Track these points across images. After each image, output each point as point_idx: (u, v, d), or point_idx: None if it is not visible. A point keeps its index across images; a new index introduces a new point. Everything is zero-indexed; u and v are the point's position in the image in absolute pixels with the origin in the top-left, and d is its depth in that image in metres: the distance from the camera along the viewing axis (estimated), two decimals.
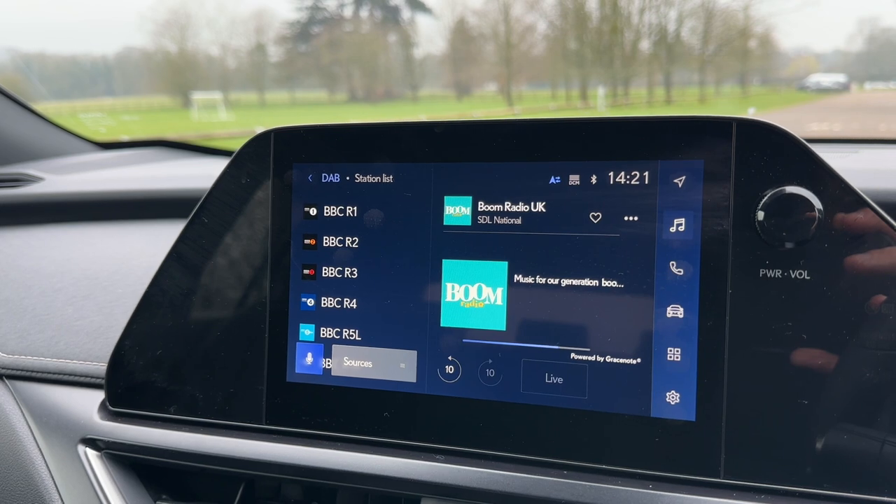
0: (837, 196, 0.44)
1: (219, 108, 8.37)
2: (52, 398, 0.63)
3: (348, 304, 0.53)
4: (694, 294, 0.45)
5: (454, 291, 0.50)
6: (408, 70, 13.28)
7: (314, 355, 0.53)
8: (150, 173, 1.10)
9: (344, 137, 0.53)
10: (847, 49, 9.28)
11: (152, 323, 0.57)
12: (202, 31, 14.02)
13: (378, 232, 0.52)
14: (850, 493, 0.43)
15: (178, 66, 12.78)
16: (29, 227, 0.97)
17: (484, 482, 0.48)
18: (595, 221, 0.48)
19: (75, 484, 0.57)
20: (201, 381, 0.56)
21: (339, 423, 0.52)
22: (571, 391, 0.48)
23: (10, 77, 2.58)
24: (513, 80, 11.14)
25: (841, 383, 0.44)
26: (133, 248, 0.85)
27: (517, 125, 0.50)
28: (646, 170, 0.47)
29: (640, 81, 9.67)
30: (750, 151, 0.45)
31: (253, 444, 0.53)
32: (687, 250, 0.46)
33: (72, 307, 0.73)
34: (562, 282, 0.48)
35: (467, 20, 12.09)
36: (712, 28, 9.38)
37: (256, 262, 0.55)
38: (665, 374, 0.46)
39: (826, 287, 0.44)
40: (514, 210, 0.49)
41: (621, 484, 0.45)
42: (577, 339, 0.48)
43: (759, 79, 9.98)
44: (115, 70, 10.48)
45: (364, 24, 14.65)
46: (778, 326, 0.44)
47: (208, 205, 0.56)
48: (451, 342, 0.50)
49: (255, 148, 0.55)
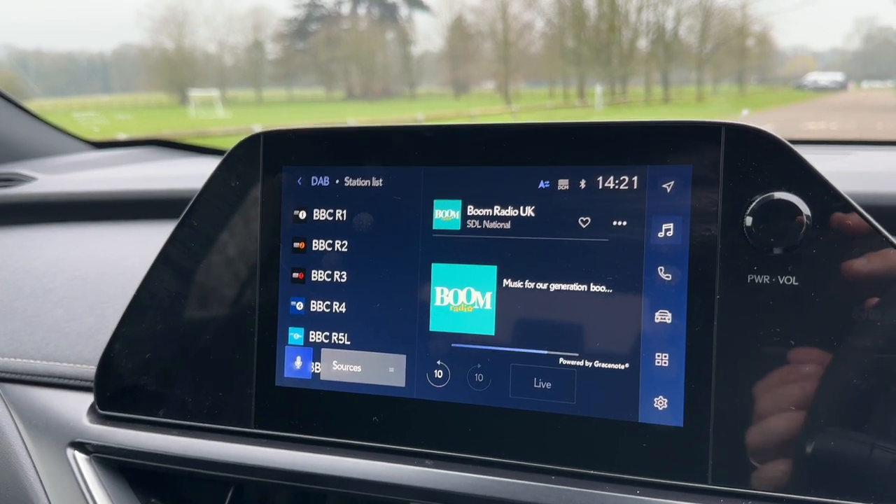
0: (826, 202, 0.44)
1: (216, 106, 8.37)
2: (42, 401, 0.62)
3: (337, 307, 0.53)
4: (682, 299, 0.45)
5: (443, 296, 0.50)
6: (405, 68, 13.27)
7: (303, 359, 0.53)
8: (143, 173, 1.10)
9: (334, 140, 0.53)
10: (844, 48, 9.29)
11: (141, 326, 0.57)
12: (199, 28, 13.99)
13: (367, 236, 0.52)
14: (839, 499, 0.43)
15: (175, 63, 12.76)
16: (20, 228, 0.96)
17: (472, 487, 0.48)
18: (584, 226, 0.48)
19: (64, 487, 0.57)
20: (190, 384, 0.55)
21: (328, 428, 0.52)
22: (560, 396, 0.48)
23: (7, 74, 2.57)
24: (510, 77, 11.14)
25: (829, 389, 0.44)
26: (125, 248, 0.84)
27: (507, 129, 0.50)
28: (635, 174, 0.47)
29: (638, 80, 9.68)
30: (738, 157, 0.45)
31: (242, 449, 0.53)
32: (675, 255, 0.46)
33: (62, 308, 0.72)
34: (550, 286, 0.48)
35: (465, 18, 12.09)
36: (710, 26, 9.39)
37: (245, 265, 0.55)
38: (653, 380, 0.46)
39: (814, 293, 0.44)
40: (503, 214, 0.49)
41: (609, 489, 0.45)
42: (565, 344, 0.48)
43: (757, 77, 10.00)
44: (111, 67, 10.46)
45: (361, 21, 14.63)
46: (766, 332, 0.44)
47: (197, 207, 0.56)
48: (440, 347, 0.50)
49: (245, 150, 0.55)
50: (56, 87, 7.86)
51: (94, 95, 8.81)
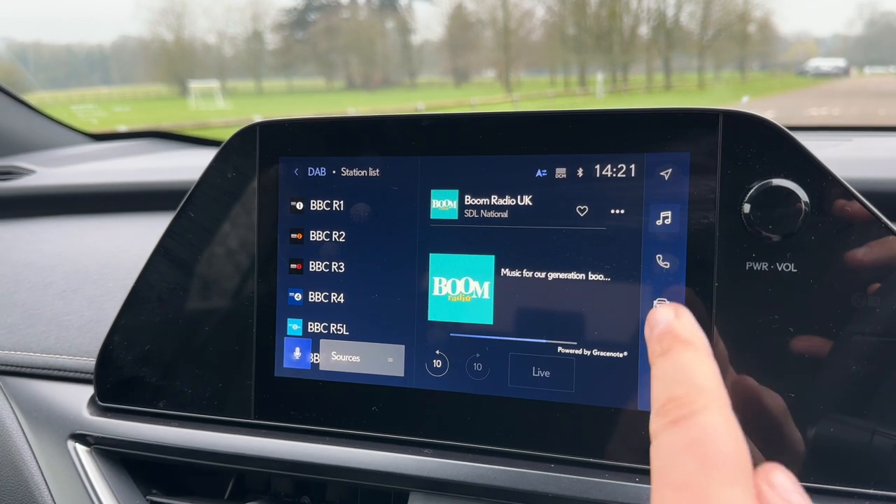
0: (824, 188, 0.43)
1: (216, 97, 8.34)
2: (42, 393, 0.63)
3: (336, 298, 0.53)
4: (680, 287, 0.45)
5: (441, 285, 0.50)
6: (405, 57, 13.22)
7: (302, 350, 0.53)
8: (142, 165, 1.10)
9: (330, 131, 0.53)
10: (847, 33, 9.24)
11: (140, 318, 0.57)
12: (198, 18, 13.93)
13: (365, 226, 0.52)
14: (840, 485, 0.43)
15: (175, 54, 12.72)
16: (20, 221, 0.96)
17: (471, 476, 0.48)
18: (581, 215, 0.47)
19: (65, 479, 0.57)
20: (190, 376, 0.56)
21: (328, 418, 0.52)
22: (558, 385, 0.48)
23: (6, 67, 2.56)
24: (511, 66, 11.09)
25: (829, 375, 0.43)
26: (124, 240, 0.85)
27: (503, 118, 0.49)
28: (632, 162, 0.46)
29: (639, 67, 9.63)
30: (736, 143, 0.45)
31: (242, 439, 0.53)
32: (673, 243, 0.45)
33: (62, 301, 0.73)
34: (548, 275, 0.48)
35: (465, 6, 12.02)
36: (711, 13, 9.33)
37: (243, 256, 0.55)
38: None
39: (813, 279, 0.44)
40: (500, 203, 0.49)
41: (608, 477, 0.45)
42: (563, 332, 0.48)
43: (759, 64, 9.94)
44: (111, 59, 10.43)
45: (361, 10, 14.56)
46: (764, 319, 0.44)
47: (194, 199, 0.56)
48: (438, 336, 0.50)
49: (241, 141, 0.55)
50: (55, 80, 7.85)
51: (94, 87, 8.79)
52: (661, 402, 0.28)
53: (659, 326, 0.32)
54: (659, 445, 0.27)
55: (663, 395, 0.29)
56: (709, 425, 0.27)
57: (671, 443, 0.27)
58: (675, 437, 0.27)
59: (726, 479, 0.25)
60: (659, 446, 0.27)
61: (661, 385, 0.29)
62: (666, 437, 0.27)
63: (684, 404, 0.28)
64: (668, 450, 0.27)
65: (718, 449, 0.26)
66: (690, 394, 0.28)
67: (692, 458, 0.26)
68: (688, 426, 0.27)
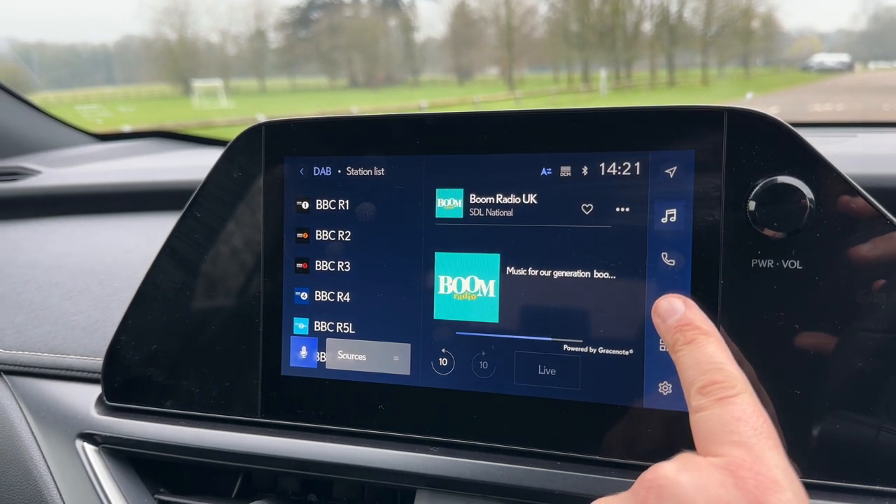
0: (829, 185, 0.43)
1: (219, 96, 8.35)
2: (50, 393, 0.63)
3: (342, 297, 0.53)
4: (686, 285, 0.45)
5: (447, 284, 0.50)
6: (408, 55, 13.20)
7: (308, 349, 0.53)
8: (147, 165, 1.10)
9: (335, 130, 0.53)
10: (851, 29, 9.20)
11: (147, 318, 0.57)
12: (202, 17, 13.94)
13: (370, 225, 0.52)
14: (846, 482, 0.43)
15: (178, 53, 12.73)
16: (26, 221, 0.97)
17: (477, 474, 0.48)
18: (587, 213, 0.47)
19: (73, 478, 0.57)
20: (197, 375, 0.56)
21: (334, 416, 0.52)
22: (564, 383, 0.48)
23: (10, 67, 2.57)
24: (514, 63, 11.07)
25: (834, 372, 0.44)
26: (130, 240, 0.85)
27: (508, 116, 0.49)
28: (637, 160, 0.46)
29: (643, 64, 9.60)
30: (741, 141, 0.45)
31: (249, 438, 0.53)
32: (678, 241, 0.45)
33: (69, 301, 0.73)
34: (554, 274, 0.48)
35: (468, 3, 12.00)
36: (714, 9, 9.30)
37: (249, 256, 0.55)
38: (657, 366, 0.46)
39: (818, 276, 0.44)
40: (505, 202, 0.49)
41: (614, 475, 0.46)
42: (569, 330, 0.48)
43: (762, 60, 9.90)
44: (115, 59, 10.45)
45: (364, 8, 14.55)
46: (770, 316, 0.44)
47: (200, 199, 0.56)
48: (444, 335, 0.50)
49: (247, 141, 0.55)
50: (59, 80, 7.86)
51: (98, 87, 8.80)
52: (703, 384, 0.36)
53: (674, 316, 0.41)
54: (710, 416, 0.35)
55: (702, 378, 0.37)
56: (748, 405, 0.35)
57: (722, 414, 0.35)
58: (725, 411, 0.35)
59: (771, 443, 0.34)
60: (710, 416, 0.35)
61: (696, 370, 0.37)
62: (716, 409, 0.35)
63: (727, 387, 0.36)
64: (723, 419, 0.35)
65: (761, 423, 0.34)
66: (729, 379, 0.36)
67: (745, 426, 0.34)
68: (733, 403, 0.35)
